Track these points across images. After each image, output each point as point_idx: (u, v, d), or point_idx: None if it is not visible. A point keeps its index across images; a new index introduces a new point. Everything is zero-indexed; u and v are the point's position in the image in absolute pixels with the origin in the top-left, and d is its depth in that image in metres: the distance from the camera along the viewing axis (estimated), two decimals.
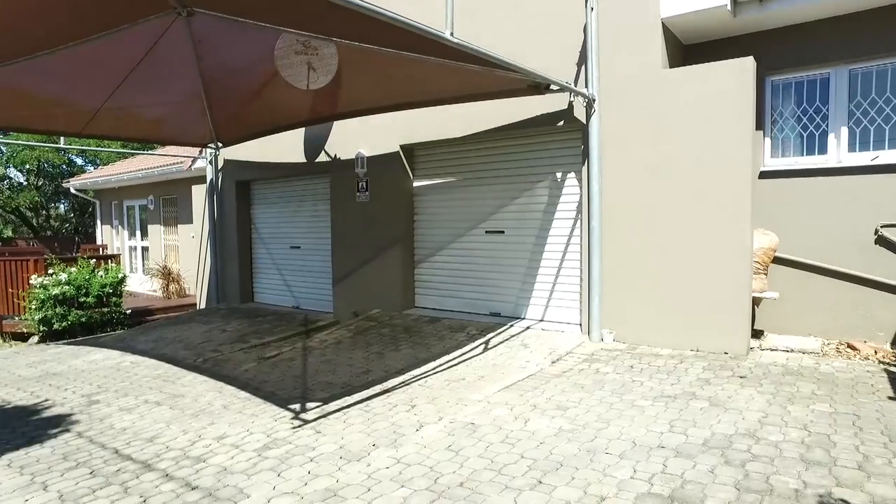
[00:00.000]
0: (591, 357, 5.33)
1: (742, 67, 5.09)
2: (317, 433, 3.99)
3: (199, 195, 10.74)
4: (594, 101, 5.72)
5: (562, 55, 6.01)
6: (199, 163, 11.28)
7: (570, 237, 6.42)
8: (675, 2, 5.49)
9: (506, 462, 3.32)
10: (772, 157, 6.03)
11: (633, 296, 5.69)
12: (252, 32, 5.36)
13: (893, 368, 4.69)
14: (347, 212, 8.24)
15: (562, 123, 6.13)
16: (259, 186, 10.16)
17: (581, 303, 6.16)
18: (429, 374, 5.23)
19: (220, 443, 3.93)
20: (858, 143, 5.58)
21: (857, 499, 2.70)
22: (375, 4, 3.29)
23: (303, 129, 8.51)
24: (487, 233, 7.10)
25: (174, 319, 9.49)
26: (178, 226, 13.31)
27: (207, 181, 10.27)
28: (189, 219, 11.62)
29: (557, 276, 6.55)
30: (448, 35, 3.75)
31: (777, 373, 4.63)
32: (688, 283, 5.38)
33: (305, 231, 9.37)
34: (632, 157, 5.66)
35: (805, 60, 5.73)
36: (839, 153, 5.65)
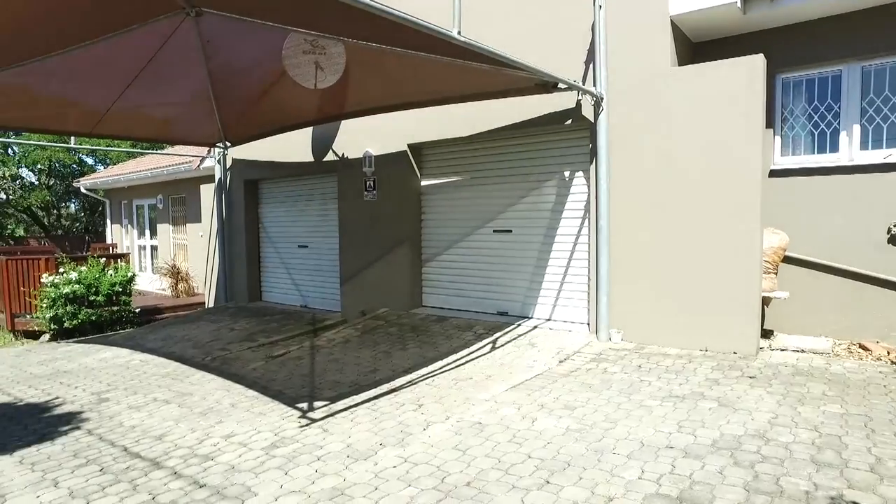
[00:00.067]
0: (599, 357, 5.31)
1: (752, 65, 5.04)
2: (324, 432, 4.00)
3: (208, 194, 10.80)
4: (602, 100, 5.69)
5: (569, 53, 5.98)
6: (208, 162, 11.34)
7: (578, 236, 6.39)
8: None
9: (513, 462, 3.31)
10: (782, 156, 5.97)
11: (642, 295, 5.66)
12: (260, 32, 5.37)
13: None
14: (355, 211, 8.25)
15: (569, 122, 6.10)
16: (267, 185, 10.20)
17: (589, 302, 6.13)
18: (436, 374, 5.23)
19: (228, 441, 3.95)
20: (871, 141, 5.52)
21: (870, 501, 2.67)
22: (384, 4, 3.29)
23: (310, 129, 8.54)
24: (495, 232, 7.08)
25: (183, 318, 9.56)
26: (187, 225, 13.39)
27: (216, 180, 10.32)
28: (198, 218, 11.69)
29: (565, 276, 6.53)
30: (455, 34, 3.74)
31: (787, 373, 4.59)
32: (697, 283, 5.34)
33: (313, 230, 9.39)
34: (640, 156, 5.63)
35: (816, 57, 5.67)
36: (851, 151, 5.59)
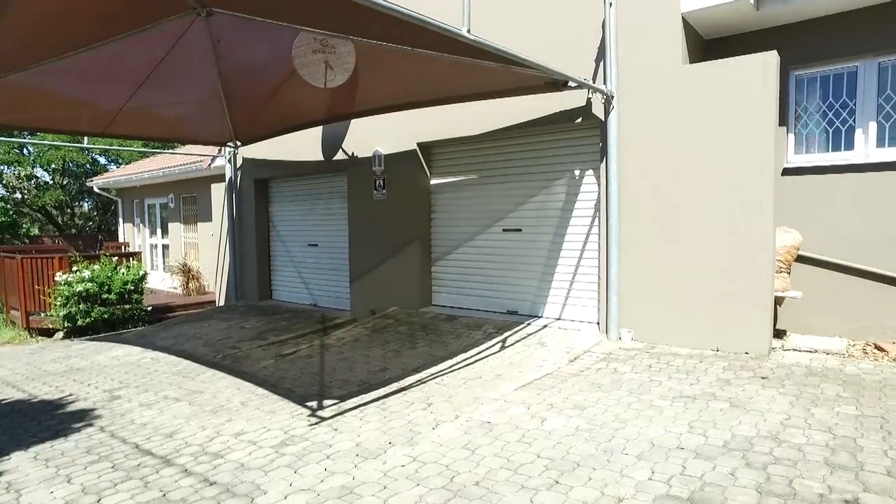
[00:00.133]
0: (609, 356, 5.28)
1: (765, 62, 4.98)
2: (334, 430, 4.01)
3: (219, 193, 10.87)
4: (613, 98, 5.65)
5: (579, 51, 5.94)
6: (218, 161, 11.42)
7: (588, 235, 6.36)
8: None
9: (522, 461, 3.30)
10: (795, 154, 5.90)
11: (652, 294, 5.61)
12: (270, 32, 5.39)
13: None
14: (365, 210, 8.26)
15: (580, 120, 6.06)
16: (277, 184, 10.25)
17: (599, 301, 6.10)
18: (445, 373, 5.22)
19: (238, 439, 3.97)
20: (888, 139, 5.43)
21: None
22: (393, 3, 3.28)
23: (320, 128, 8.56)
24: (505, 231, 7.06)
25: (194, 316, 9.63)
26: (198, 224, 13.49)
27: (226, 179, 10.39)
28: (208, 217, 11.77)
29: (575, 275, 6.50)
30: (465, 32, 3.73)
31: (800, 374, 4.53)
32: (708, 282, 5.29)
33: (323, 229, 9.42)
34: (651, 154, 5.59)
35: (831, 54, 5.58)
36: (867, 149, 5.50)
